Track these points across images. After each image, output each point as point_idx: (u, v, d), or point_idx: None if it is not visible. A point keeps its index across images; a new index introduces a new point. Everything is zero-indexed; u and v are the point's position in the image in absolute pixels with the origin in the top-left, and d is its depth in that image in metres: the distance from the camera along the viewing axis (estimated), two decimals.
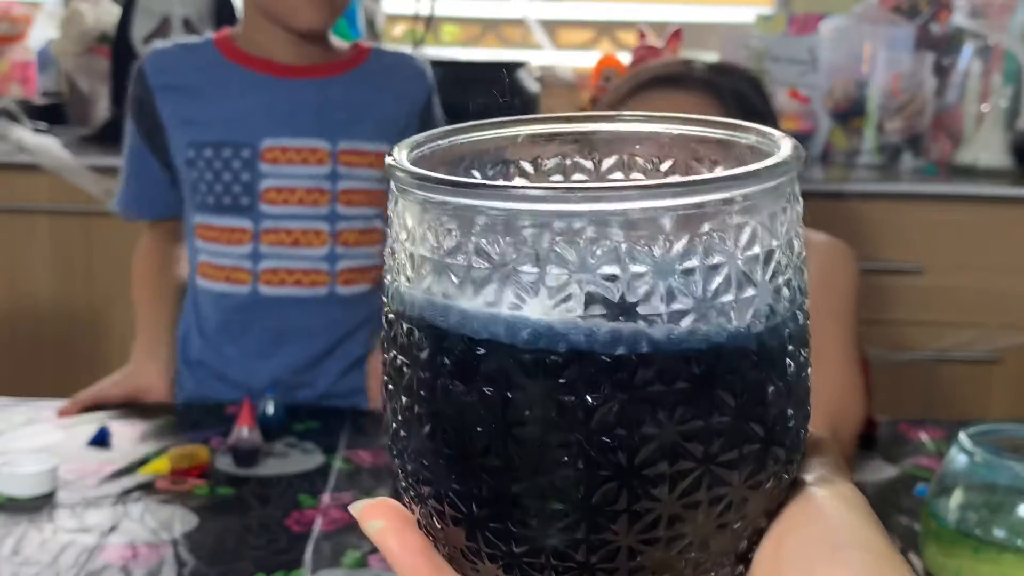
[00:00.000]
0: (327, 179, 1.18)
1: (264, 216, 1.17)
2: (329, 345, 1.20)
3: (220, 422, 1.08)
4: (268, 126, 1.17)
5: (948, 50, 2.29)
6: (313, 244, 1.18)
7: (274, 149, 1.17)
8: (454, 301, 0.26)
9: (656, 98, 1.05)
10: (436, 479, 0.28)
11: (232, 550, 0.81)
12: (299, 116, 1.18)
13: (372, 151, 1.20)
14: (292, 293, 1.18)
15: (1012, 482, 0.75)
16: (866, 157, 2.17)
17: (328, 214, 1.18)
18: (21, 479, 0.89)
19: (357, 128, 1.20)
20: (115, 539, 0.82)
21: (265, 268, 1.17)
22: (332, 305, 1.19)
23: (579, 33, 2.78)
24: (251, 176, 1.17)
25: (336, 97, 1.20)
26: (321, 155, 1.18)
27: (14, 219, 2.03)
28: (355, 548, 0.82)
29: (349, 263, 1.20)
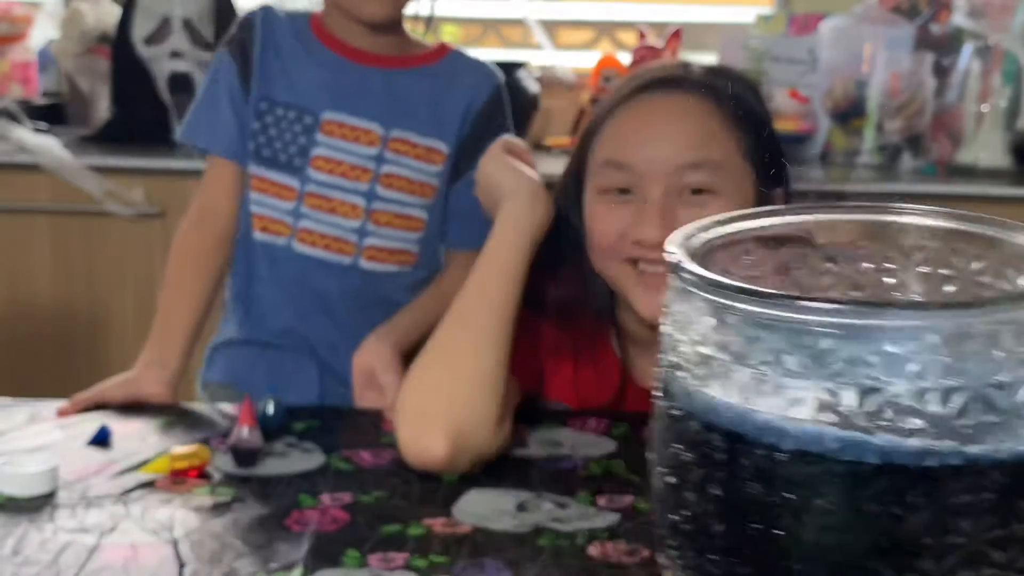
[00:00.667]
0: (373, 160, 1.28)
1: (310, 180, 1.28)
2: (345, 312, 1.30)
3: (220, 422, 1.08)
4: (331, 101, 1.28)
5: (948, 50, 2.29)
6: (348, 216, 1.29)
7: (332, 123, 1.28)
8: (755, 407, 0.26)
9: (656, 100, 1.05)
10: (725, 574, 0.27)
11: (232, 550, 0.81)
12: (360, 99, 1.28)
13: (422, 145, 1.30)
14: (320, 255, 1.29)
15: None
16: (866, 157, 2.17)
17: (367, 191, 1.29)
18: (21, 479, 0.89)
19: (412, 120, 1.29)
20: (115, 539, 0.82)
21: (302, 227, 1.29)
22: (353, 276, 1.30)
23: (579, 33, 2.78)
24: (307, 141, 1.28)
25: (399, 88, 1.30)
26: (373, 137, 1.28)
27: (14, 219, 2.03)
28: (355, 548, 0.82)
29: (376, 241, 1.30)
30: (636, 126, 1.04)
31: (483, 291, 1.01)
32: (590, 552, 0.82)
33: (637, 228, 1.01)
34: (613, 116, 1.06)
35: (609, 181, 1.04)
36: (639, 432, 1.08)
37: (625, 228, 1.03)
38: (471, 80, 1.33)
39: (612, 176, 1.04)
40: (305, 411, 1.12)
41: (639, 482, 0.96)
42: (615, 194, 1.04)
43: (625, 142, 1.04)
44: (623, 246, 1.03)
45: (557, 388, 1.14)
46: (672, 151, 1.02)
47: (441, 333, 1.00)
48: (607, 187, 1.04)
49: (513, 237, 1.02)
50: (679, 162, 1.02)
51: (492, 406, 0.97)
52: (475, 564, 0.79)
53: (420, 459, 0.95)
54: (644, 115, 1.05)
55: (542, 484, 0.95)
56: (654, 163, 1.02)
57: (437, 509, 0.89)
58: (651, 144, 1.03)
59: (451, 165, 1.31)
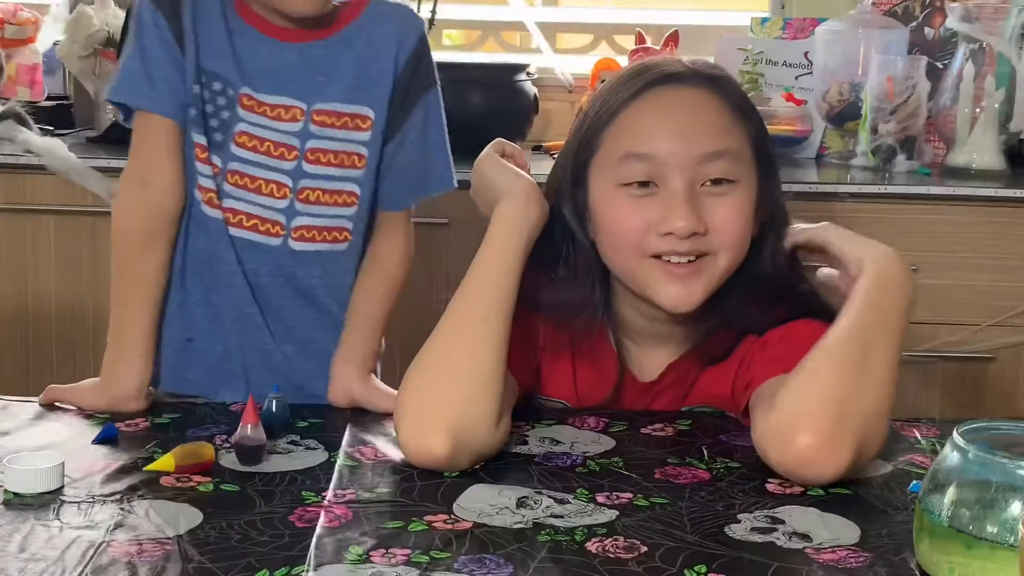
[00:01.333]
0: (297, 136, 1.20)
1: (234, 157, 1.20)
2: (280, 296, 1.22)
3: (224, 420, 1.09)
4: (248, 79, 1.19)
5: (942, 53, 2.31)
6: (274, 195, 1.20)
7: (251, 99, 1.19)
8: None
9: (669, 93, 1.06)
10: None
11: (236, 546, 0.82)
12: (278, 77, 1.20)
13: (347, 112, 1.21)
14: (248, 236, 1.21)
15: (1005, 479, 0.76)
16: (860, 159, 2.18)
17: (292, 170, 1.20)
18: (28, 476, 0.90)
19: (335, 90, 1.21)
20: (121, 535, 0.83)
21: (227, 207, 1.20)
22: (284, 257, 1.21)
23: (577, 37, 2.79)
24: (230, 116, 1.19)
25: (319, 61, 1.21)
26: (295, 112, 1.20)
27: (21, 219, 2.04)
28: (358, 544, 0.83)
29: (306, 220, 1.22)
30: (656, 118, 1.05)
31: (480, 290, 1.02)
32: (589, 548, 0.83)
33: (667, 220, 1.02)
34: (625, 110, 1.06)
35: (631, 174, 1.04)
36: (638, 430, 1.09)
37: (651, 222, 1.03)
38: (394, 30, 1.23)
39: (633, 168, 1.04)
40: (308, 409, 1.13)
41: (637, 479, 0.97)
42: (635, 187, 1.04)
43: (646, 134, 1.04)
44: (649, 240, 1.03)
45: (556, 384, 1.15)
46: (694, 141, 1.04)
47: (439, 332, 1.01)
48: (627, 180, 1.04)
49: (508, 236, 1.03)
50: (702, 151, 1.03)
51: (491, 404, 0.98)
52: (476, 560, 0.80)
53: (420, 457, 0.97)
54: (662, 107, 1.06)
55: (542, 481, 0.96)
56: (677, 153, 1.03)
57: (438, 506, 0.90)
58: (673, 135, 1.04)
59: (380, 130, 1.22)
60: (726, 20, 2.68)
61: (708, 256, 1.04)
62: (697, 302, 1.04)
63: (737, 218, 1.05)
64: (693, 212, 1.02)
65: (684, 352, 1.13)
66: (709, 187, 1.04)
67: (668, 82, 1.06)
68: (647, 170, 1.04)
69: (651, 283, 1.04)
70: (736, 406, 1.12)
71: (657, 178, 1.04)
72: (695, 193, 1.03)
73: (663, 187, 1.04)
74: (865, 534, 0.87)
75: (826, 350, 0.97)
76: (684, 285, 1.04)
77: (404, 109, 1.23)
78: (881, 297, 0.99)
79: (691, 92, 1.06)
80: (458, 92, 2.22)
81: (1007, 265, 1.96)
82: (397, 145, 1.24)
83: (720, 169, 1.04)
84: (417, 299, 2.08)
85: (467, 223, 2.05)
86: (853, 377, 0.95)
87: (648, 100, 1.06)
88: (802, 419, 0.94)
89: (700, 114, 1.05)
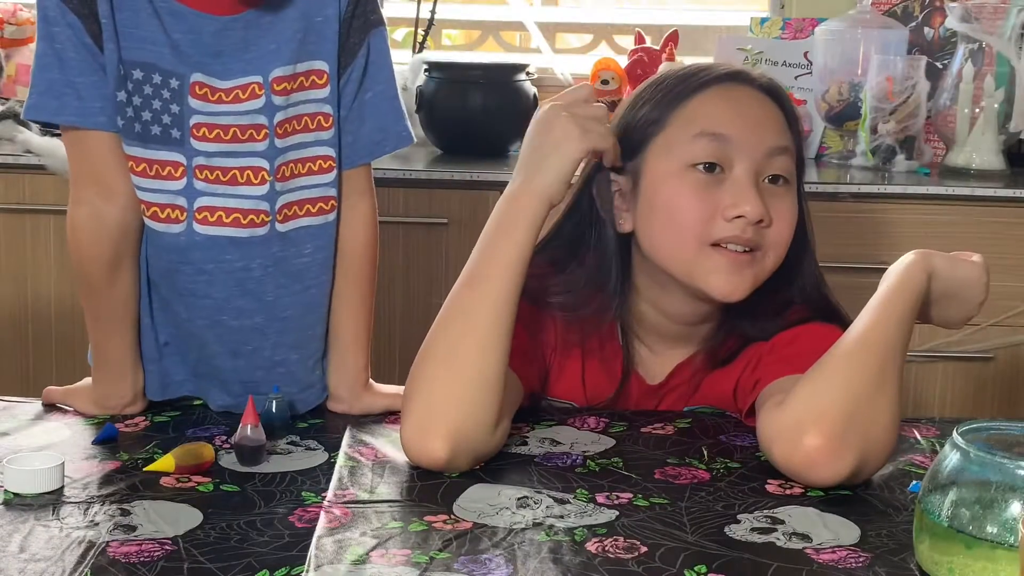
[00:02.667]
0: (262, 113, 1.08)
1: (197, 152, 1.07)
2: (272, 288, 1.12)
3: (225, 420, 1.09)
4: (196, 63, 1.07)
5: (941, 53, 2.31)
6: (252, 183, 1.09)
7: (205, 86, 1.07)
8: None
9: (741, 88, 1.08)
10: None
11: (236, 546, 0.82)
12: (227, 56, 1.08)
13: (302, 72, 1.10)
14: (230, 233, 1.09)
15: (1004, 479, 0.77)
16: (860, 159, 2.18)
17: (266, 151, 1.09)
18: (28, 476, 0.90)
19: (284, 53, 1.09)
20: (121, 536, 0.83)
21: (201, 206, 1.08)
22: (274, 243, 1.10)
23: (577, 37, 2.79)
24: (181, 108, 1.07)
25: (266, 27, 1.09)
26: (253, 88, 1.08)
27: (21, 219, 2.04)
28: (358, 545, 0.83)
29: (290, 197, 1.11)
30: (733, 104, 1.06)
31: (485, 290, 1.00)
32: (589, 548, 0.83)
33: (738, 204, 1.02)
34: (701, 93, 1.07)
35: (703, 152, 1.04)
36: (638, 430, 1.09)
37: (718, 207, 1.03)
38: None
39: (706, 147, 1.04)
40: (308, 409, 1.13)
41: (637, 479, 0.97)
42: (702, 171, 1.04)
43: (723, 116, 1.05)
44: (715, 226, 1.03)
45: (565, 386, 1.14)
46: (765, 133, 1.06)
47: (444, 332, 1.00)
48: (697, 160, 1.04)
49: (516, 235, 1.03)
50: (771, 144, 1.05)
51: (492, 407, 0.98)
52: (475, 560, 0.81)
53: (421, 458, 0.97)
54: (736, 96, 1.07)
55: (542, 481, 0.96)
56: (749, 141, 1.04)
57: (438, 506, 0.90)
58: (748, 123, 1.05)
59: (335, 83, 1.11)
60: (726, 20, 2.69)
61: (759, 252, 1.05)
62: (744, 293, 1.04)
63: (790, 219, 1.07)
64: (762, 200, 1.03)
65: (691, 355, 1.13)
66: (767, 183, 1.05)
67: (738, 79, 1.09)
68: (719, 151, 1.04)
69: (704, 270, 1.04)
70: (739, 407, 1.12)
71: (726, 162, 1.04)
72: (759, 184, 1.05)
73: (729, 173, 1.04)
74: (865, 534, 0.87)
75: (846, 354, 0.97)
76: (738, 274, 1.04)
77: (349, 53, 1.12)
78: (906, 309, 0.99)
79: (758, 93, 1.09)
80: (458, 92, 2.23)
81: (1006, 265, 1.96)
82: (342, 85, 1.12)
83: (781, 166, 1.06)
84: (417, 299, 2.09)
85: (466, 223, 2.06)
86: (869, 384, 0.95)
87: (722, 90, 1.07)
88: (812, 420, 0.94)
89: (768, 111, 1.08)
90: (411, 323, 2.02)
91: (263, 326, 1.12)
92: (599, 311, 1.10)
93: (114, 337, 1.12)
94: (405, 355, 2.09)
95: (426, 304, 2.02)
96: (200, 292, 1.10)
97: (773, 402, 0.99)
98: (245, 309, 1.11)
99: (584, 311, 1.10)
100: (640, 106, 1.09)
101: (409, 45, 2.52)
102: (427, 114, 2.25)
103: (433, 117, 2.25)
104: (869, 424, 0.94)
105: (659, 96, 1.09)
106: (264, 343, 1.13)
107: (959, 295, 1.03)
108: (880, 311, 0.98)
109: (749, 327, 1.10)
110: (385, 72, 1.14)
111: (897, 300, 0.99)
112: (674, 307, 1.09)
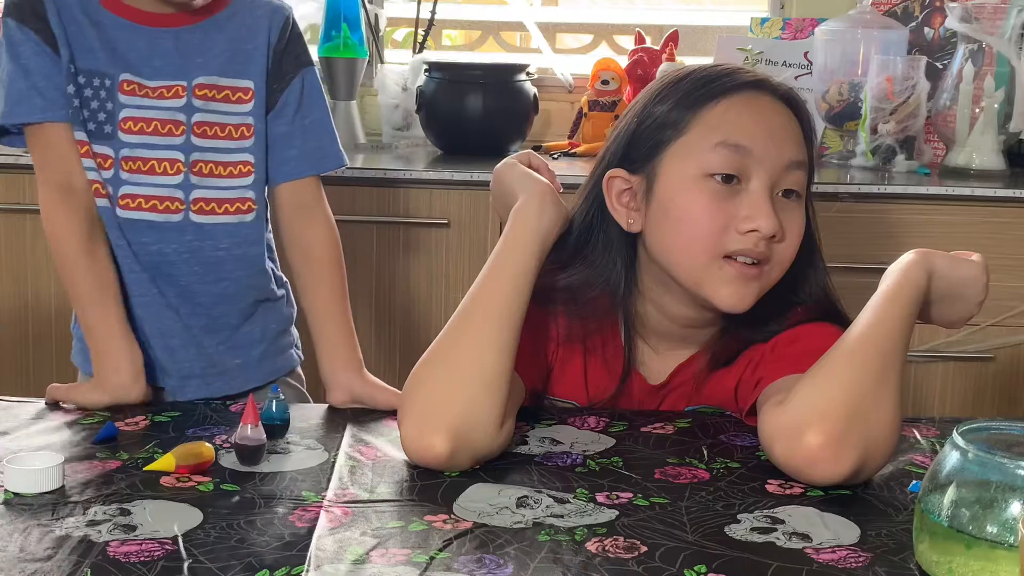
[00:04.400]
0: (182, 111, 1.24)
1: (123, 144, 1.23)
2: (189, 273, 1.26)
3: (224, 420, 1.09)
4: (126, 65, 1.23)
5: (941, 53, 2.31)
6: (168, 173, 1.24)
7: (132, 83, 1.23)
8: None
9: (763, 98, 1.06)
10: None
11: (236, 546, 0.82)
12: (156, 62, 1.24)
13: (228, 86, 1.25)
14: (148, 217, 1.24)
15: (1004, 479, 0.77)
16: (860, 159, 2.18)
17: (182, 144, 1.24)
18: (28, 476, 0.90)
19: (212, 66, 1.25)
20: (120, 535, 0.83)
21: (124, 193, 1.23)
22: (188, 232, 1.25)
23: (577, 37, 2.80)
24: (112, 106, 1.22)
25: (194, 45, 1.25)
26: (176, 89, 1.24)
27: (19, 219, 2.04)
28: (358, 544, 0.83)
29: (204, 192, 1.25)
30: (754, 116, 1.05)
31: (490, 292, 1.01)
32: (589, 548, 0.83)
33: (753, 218, 1.02)
34: (724, 100, 1.05)
35: (722, 163, 1.03)
36: (638, 429, 1.09)
37: (734, 218, 1.02)
38: (263, 13, 1.28)
39: (725, 158, 1.03)
40: (308, 408, 1.14)
41: (637, 479, 0.97)
42: (719, 181, 1.03)
43: (745, 126, 1.04)
44: (728, 238, 1.03)
45: (567, 384, 1.15)
46: (785, 146, 1.05)
47: (447, 333, 1.01)
48: (716, 169, 1.03)
49: (522, 238, 1.02)
50: (790, 158, 1.05)
51: (495, 406, 0.98)
52: (476, 560, 0.81)
53: (421, 456, 0.97)
54: (758, 107, 1.06)
55: (542, 480, 0.96)
56: (770, 154, 1.03)
57: (438, 506, 0.90)
58: (769, 135, 1.04)
59: (263, 100, 1.27)
60: (725, 20, 2.69)
61: (766, 265, 1.04)
62: (749, 305, 1.04)
63: (798, 236, 1.06)
64: (777, 215, 1.03)
65: (693, 355, 1.13)
66: (781, 197, 1.05)
67: (761, 88, 1.07)
68: (739, 163, 1.03)
69: (713, 281, 1.04)
70: (739, 407, 1.12)
71: (743, 173, 1.03)
72: (773, 198, 1.04)
73: (746, 185, 1.03)
74: (865, 534, 0.87)
75: (847, 353, 0.97)
76: (745, 286, 1.04)
77: (282, 80, 1.28)
78: (906, 308, 0.99)
79: (779, 104, 1.07)
80: (458, 92, 2.23)
81: (1006, 265, 1.96)
82: (276, 114, 1.28)
83: (796, 180, 1.05)
84: (417, 299, 2.09)
85: (467, 223, 2.06)
86: (870, 384, 0.95)
87: (746, 98, 1.06)
88: (813, 418, 0.94)
89: (788, 124, 1.07)
90: (411, 323, 2.02)
91: (176, 305, 1.26)
92: (603, 311, 1.10)
93: (106, 314, 1.20)
94: (405, 355, 2.10)
95: (426, 304, 2.02)
96: (124, 268, 1.24)
97: (774, 401, 0.99)
98: (164, 291, 1.25)
99: (588, 310, 1.10)
100: (656, 104, 1.08)
101: (409, 45, 2.52)
102: (427, 114, 2.25)
103: (433, 117, 2.25)
104: (870, 423, 0.94)
105: (679, 96, 1.07)
106: (176, 323, 1.26)
107: (959, 294, 1.03)
108: (880, 310, 0.98)
109: (751, 329, 1.10)
110: (321, 103, 1.32)
111: (897, 299, 0.99)
112: (678, 310, 1.09)
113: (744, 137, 1.03)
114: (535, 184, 1.06)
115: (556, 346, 1.13)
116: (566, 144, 2.34)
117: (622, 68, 2.40)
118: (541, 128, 2.43)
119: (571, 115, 2.44)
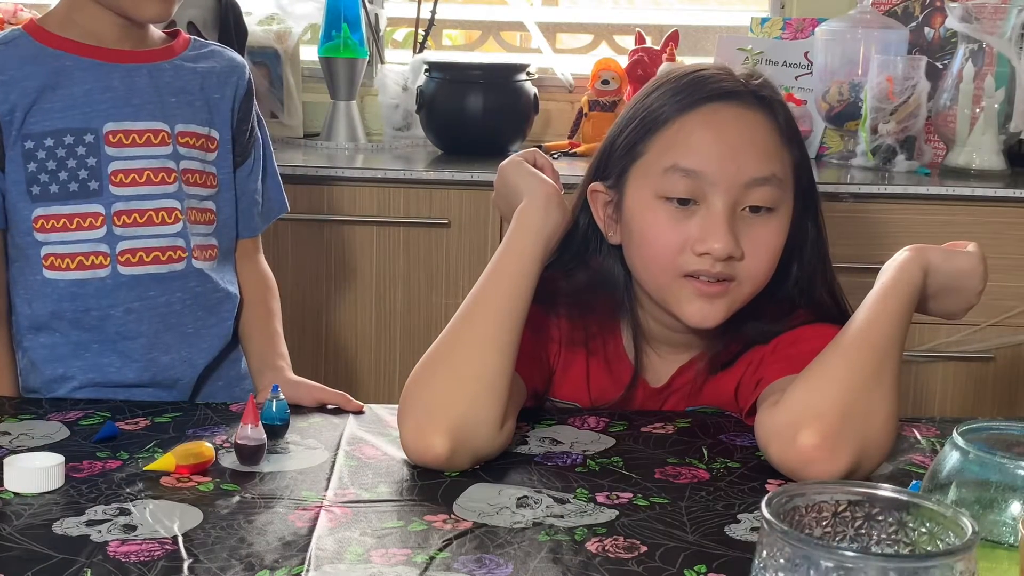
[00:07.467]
0: (171, 159, 1.24)
1: (115, 199, 1.21)
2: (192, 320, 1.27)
3: (225, 420, 1.10)
4: (108, 111, 1.21)
5: (941, 53, 2.31)
6: (167, 222, 1.23)
7: (118, 132, 1.21)
8: None
9: (725, 110, 1.05)
10: None
11: (236, 546, 0.82)
12: (136, 100, 1.22)
13: (203, 134, 1.27)
14: (152, 270, 1.23)
15: (1005, 479, 0.77)
16: (860, 159, 2.18)
17: (176, 192, 1.24)
18: (29, 475, 0.91)
19: (189, 111, 1.26)
20: (120, 535, 0.83)
21: (123, 249, 1.22)
22: (191, 279, 1.26)
23: (577, 37, 2.79)
24: (97, 160, 1.20)
25: (167, 81, 1.25)
26: (163, 135, 1.23)
27: None
28: (358, 544, 0.83)
29: (199, 240, 1.27)
30: (709, 135, 1.03)
31: (492, 292, 1.00)
32: (589, 548, 0.83)
33: (706, 240, 1.01)
34: (678, 119, 1.04)
35: (675, 188, 1.03)
36: (638, 429, 1.09)
37: (689, 239, 1.02)
38: (225, 59, 1.31)
39: (679, 183, 1.02)
40: (309, 409, 1.13)
41: (637, 479, 0.97)
42: (675, 204, 1.03)
43: (696, 149, 1.03)
44: (685, 258, 1.03)
45: (569, 387, 1.14)
46: (744, 164, 1.02)
47: (449, 332, 1.01)
48: (670, 194, 1.03)
49: (524, 240, 1.02)
50: (750, 176, 1.02)
51: (495, 407, 0.97)
52: (475, 560, 0.81)
53: (421, 456, 0.97)
54: (715, 124, 1.04)
55: (542, 480, 0.96)
56: (726, 175, 1.02)
57: (438, 506, 0.90)
58: (724, 154, 1.02)
59: (227, 150, 1.29)
60: (726, 20, 2.69)
61: (732, 283, 1.04)
62: (719, 321, 1.04)
63: (768, 251, 1.04)
64: (732, 236, 1.01)
65: (693, 357, 1.13)
66: (747, 213, 1.04)
67: (724, 99, 1.05)
68: (692, 187, 1.02)
69: (678, 299, 1.04)
70: (740, 407, 1.12)
71: (700, 196, 1.02)
72: (735, 216, 1.03)
73: (704, 205, 1.02)
74: None
75: (841, 352, 0.96)
76: (709, 303, 1.03)
77: (250, 135, 1.32)
78: (902, 305, 0.98)
79: (746, 112, 1.05)
80: (458, 92, 2.23)
81: (1006, 265, 1.96)
82: (248, 172, 1.33)
83: (762, 197, 1.03)
84: (417, 299, 2.09)
85: (467, 223, 2.06)
86: (865, 381, 0.95)
87: (702, 114, 1.04)
88: (807, 417, 0.94)
89: (752, 136, 1.04)
90: (411, 323, 2.02)
91: (189, 358, 1.27)
92: (605, 313, 1.10)
93: None
94: (405, 355, 2.10)
95: (426, 304, 2.02)
96: (132, 332, 1.23)
97: (770, 401, 0.99)
98: (172, 344, 1.26)
99: (589, 314, 1.10)
100: (626, 122, 1.08)
101: (409, 45, 2.52)
102: (427, 114, 2.25)
103: (433, 117, 2.25)
104: (866, 421, 0.94)
105: (643, 115, 1.06)
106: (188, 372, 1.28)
107: (958, 286, 1.03)
108: (876, 308, 0.98)
109: (753, 331, 1.09)
110: (271, 157, 1.38)
111: (893, 296, 0.98)
112: (668, 319, 1.09)
113: (696, 160, 1.02)
114: (540, 185, 1.06)
115: (558, 347, 1.13)
116: (566, 144, 2.34)
117: (622, 68, 2.40)
118: (541, 128, 2.43)
119: (571, 115, 2.44)
